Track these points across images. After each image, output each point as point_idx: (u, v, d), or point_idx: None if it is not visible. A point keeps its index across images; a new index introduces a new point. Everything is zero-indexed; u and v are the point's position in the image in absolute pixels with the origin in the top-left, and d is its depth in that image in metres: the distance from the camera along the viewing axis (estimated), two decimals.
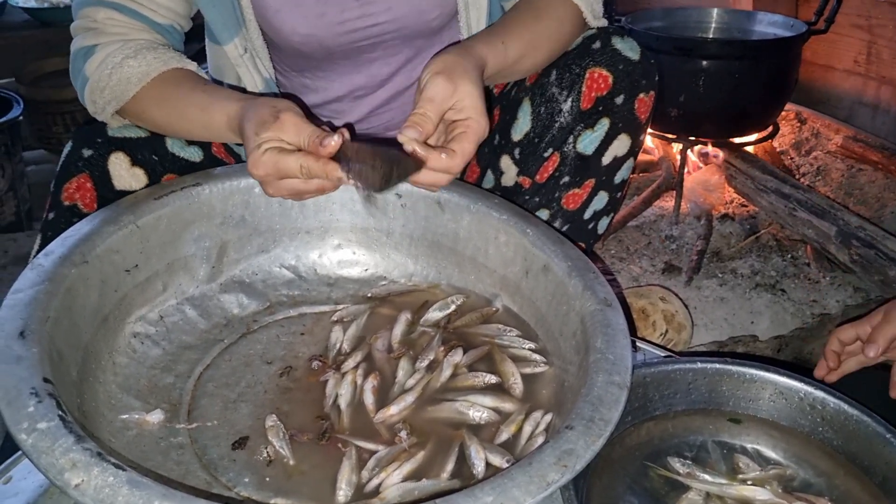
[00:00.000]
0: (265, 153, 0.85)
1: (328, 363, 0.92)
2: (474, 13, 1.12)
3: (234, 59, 1.11)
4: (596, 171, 1.12)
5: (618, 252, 1.71)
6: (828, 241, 1.52)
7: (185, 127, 1.01)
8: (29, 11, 2.72)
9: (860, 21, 2.09)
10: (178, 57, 1.03)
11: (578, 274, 0.89)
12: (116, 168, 0.99)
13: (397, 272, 1.08)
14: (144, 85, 0.98)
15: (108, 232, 0.88)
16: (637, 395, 0.85)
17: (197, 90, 0.99)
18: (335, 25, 1.07)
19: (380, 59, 1.15)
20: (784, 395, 0.86)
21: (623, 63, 1.06)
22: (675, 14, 1.94)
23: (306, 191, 0.89)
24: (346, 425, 0.84)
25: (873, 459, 0.79)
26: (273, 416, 0.83)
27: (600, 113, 1.08)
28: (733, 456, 0.84)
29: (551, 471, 0.63)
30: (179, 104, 0.99)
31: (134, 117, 1.03)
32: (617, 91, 1.07)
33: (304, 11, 1.06)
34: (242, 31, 1.09)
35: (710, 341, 1.42)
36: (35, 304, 0.75)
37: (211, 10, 1.06)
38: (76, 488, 0.58)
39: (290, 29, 1.07)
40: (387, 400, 0.87)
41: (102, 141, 1.00)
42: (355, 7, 1.06)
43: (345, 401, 0.86)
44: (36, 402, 0.64)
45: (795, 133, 2.12)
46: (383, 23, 1.09)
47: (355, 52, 1.12)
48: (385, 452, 0.79)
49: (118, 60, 0.98)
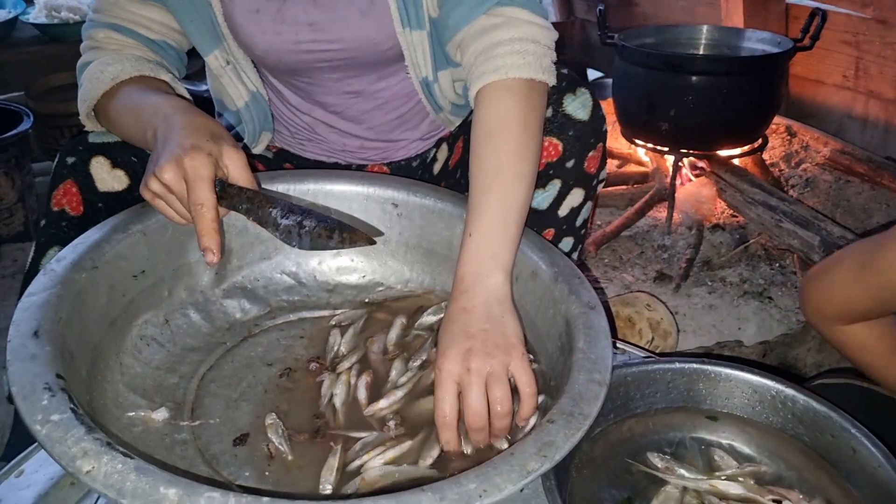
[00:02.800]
0: (210, 158, 0.86)
1: (325, 365, 0.96)
2: (419, 53, 1.12)
3: (217, 69, 1.16)
4: (554, 221, 1.12)
5: (611, 261, 1.75)
6: (812, 250, 1.57)
7: (123, 126, 1.02)
8: (38, 27, 2.78)
9: (848, 37, 2.14)
10: (154, 68, 1.07)
11: (564, 279, 0.93)
12: (98, 171, 1.04)
13: (394, 278, 1.12)
14: (113, 86, 1.03)
15: (117, 239, 0.92)
16: (619, 393, 0.90)
17: (152, 91, 1.02)
18: (291, 44, 1.11)
19: (341, 79, 1.17)
20: (757, 393, 0.90)
21: (573, 128, 1.06)
22: (666, 31, 1.99)
23: (172, 219, 0.92)
24: (341, 422, 0.88)
25: (840, 453, 0.83)
26: (272, 414, 0.87)
27: (551, 175, 1.08)
28: (710, 451, 0.88)
29: (532, 460, 0.68)
30: (127, 101, 1.01)
31: (103, 118, 1.06)
32: (567, 157, 1.07)
33: (263, 28, 1.09)
34: (223, 45, 1.13)
35: (697, 346, 1.46)
36: (48, 306, 0.79)
37: (189, 24, 1.10)
38: (87, 475, 0.62)
39: (252, 43, 1.11)
40: (379, 396, 0.91)
41: (83, 148, 1.05)
42: (308, 31, 1.10)
43: (339, 399, 0.90)
44: (49, 396, 0.68)
45: (786, 146, 2.17)
46: (336, 49, 1.11)
47: (316, 71, 1.16)
48: (372, 438, 0.83)
49: (102, 67, 1.05)
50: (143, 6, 1.08)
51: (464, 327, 0.85)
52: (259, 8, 1.08)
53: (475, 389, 0.81)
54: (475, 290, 0.88)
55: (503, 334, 0.84)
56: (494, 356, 0.82)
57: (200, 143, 0.87)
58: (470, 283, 0.88)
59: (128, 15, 1.08)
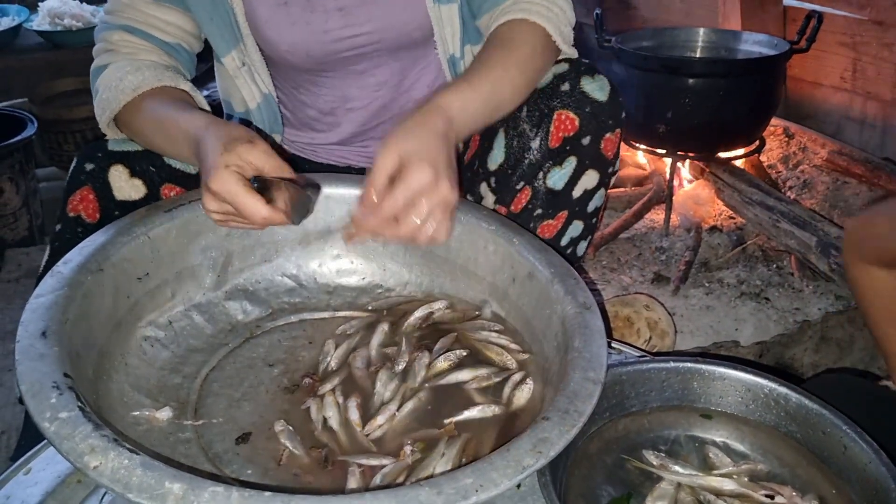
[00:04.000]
0: (229, 171, 0.87)
1: (318, 379, 0.95)
2: (448, 29, 1.16)
3: (233, 71, 1.17)
4: (567, 203, 1.15)
5: (609, 263, 1.77)
6: (809, 251, 1.58)
7: (150, 136, 1.04)
8: (42, 34, 2.80)
9: (845, 39, 2.15)
10: (174, 77, 1.09)
11: (560, 280, 0.94)
12: (116, 180, 1.06)
13: (393, 280, 1.14)
14: (135, 97, 1.04)
15: (122, 242, 0.94)
16: (614, 392, 0.91)
17: (176, 105, 1.03)
18: (320, 34, 1.13)
19: (367, 70, 1.20)
20: (751, 392, 0.91)
21: (590, 105, 1.10)
22: (663, 34, 2.01)
23: (234, 227, 0.95)
24: (346, 443, 0.86)
25: (832, 450, 0.84)
26: (282, 420, 0.87)
27: (567, 152, 1.11)
28: (705, 449, 0.89)
29: (527, 456, 0.69)
30: (154, 115, 1.03)
31: (126, 128, 1.08)
32: (583, 133, 1.10)
33: (293, 18, 1.11)
34: (240, 45, 1.15)
35: (694, 347, 1.47)
36: (55, 308, 0.81)
37: (209, 23, 1.12)
38: (95, 470, 0.63)
39: (279, 37, 1.13)
40: (371, 412, 0.90)
41: (103, 155, 1.06)
42: (339, 17, 1.12)
43: (335, 421, 0.88)
44: (58, 394, 0.70)
45: (783, 147, 2.18)
46: (366, 34, 1.14)
47: (341, 62, 1.18)
48: (390, 468, 0.81)
49: (120, 75, 1.06)
50: (158, 8, 1.09)
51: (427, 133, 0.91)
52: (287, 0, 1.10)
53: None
54: (437, 116, 0.94)
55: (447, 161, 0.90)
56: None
57: (219, 160, 0.88)
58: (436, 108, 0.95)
59: (142, 17, 1.09)
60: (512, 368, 0.95)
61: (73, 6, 2.85)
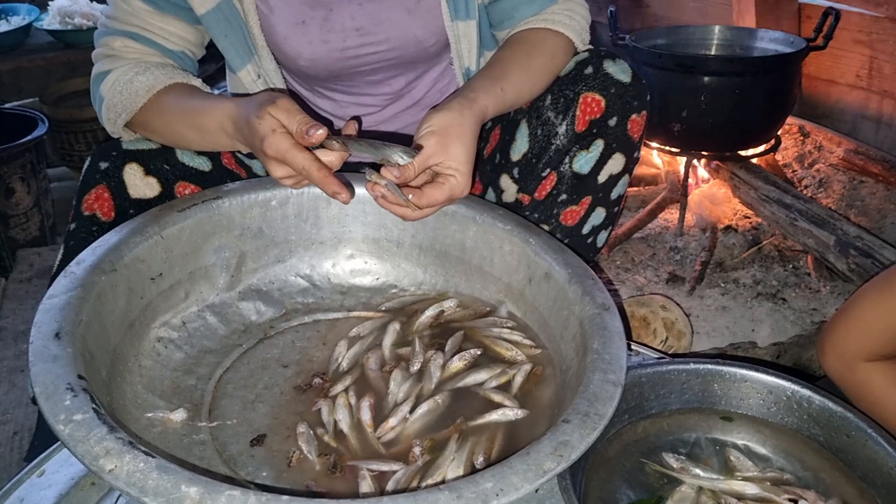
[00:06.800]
0: (277, 135, 0.89)
1: (329, 379, 0.94)
2: (465, 44, 1.17)
3: (248, 84, 1.17)
4: (592, 188, 1.16)
5: (623, 263, 1.75)
6: (827, 250, 1.56)
7: (179, 132, 1.05)
8: (53, 34, 2.81)
9: (861, 37, 2.13)
10: (183, 74, 1.09)
11: (578, 280, 0.93)
12: (131, 178, 1.05)
13: (407, 280, 1.13)
14: (151, 97, 1.05)
15: (135, 242, 0.94)
16: (633, 394, 0.90)
17: (195, 97, 1.05)
18: (337, 52, 1.13)
19: (382, 81, 1.21)
20: (773, 394, 0.90)
21: (615, 87, 1.11)
22: (678, 32, 1.99)
23: (305, 185, 0.99)
24: (356, 447, 0.85)
25: (856, 453, 0.83)
26: (305, 423, 0.86)
27: (594, 135, 1.12)
28: (725, 452, 0.88)
29: (548, 460, 0.68)
30: (176, 110, 1.04)
31: (142, 128, 1.09)
32: (610, 114, 1.11)
33: (310, 38, 1.12)
34: (255, 59, 1.15)
35: (711, 348, 1.46)
36: (68, 309, 0.81)
37: (223, 40, 1.12)
38: (110, 473, 0.63)
39: (297, 54, 1.13)
40: (384, 413, 0.89)
41: (117, 154, 1.06)
42: (356, 36, 1.13)
43: (346, 424, 0.87)
44: (72, 396, 0.69)
45: (799, 146, 2.16)
46: (382, 51, 1.15)
47: (358, 74, 1.19)
48: (402, 473, 0.80)
49: (129, 77, 1.06)
50: (162, 18, 1.09)
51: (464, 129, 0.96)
52: (304, 19, 1.11)
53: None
54: (476, 119, 0.99)
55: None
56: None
57: (259, 129, 0.91)
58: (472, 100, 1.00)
59: (147, 25, 1.09)
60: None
61: (83, 5, 2.85)
